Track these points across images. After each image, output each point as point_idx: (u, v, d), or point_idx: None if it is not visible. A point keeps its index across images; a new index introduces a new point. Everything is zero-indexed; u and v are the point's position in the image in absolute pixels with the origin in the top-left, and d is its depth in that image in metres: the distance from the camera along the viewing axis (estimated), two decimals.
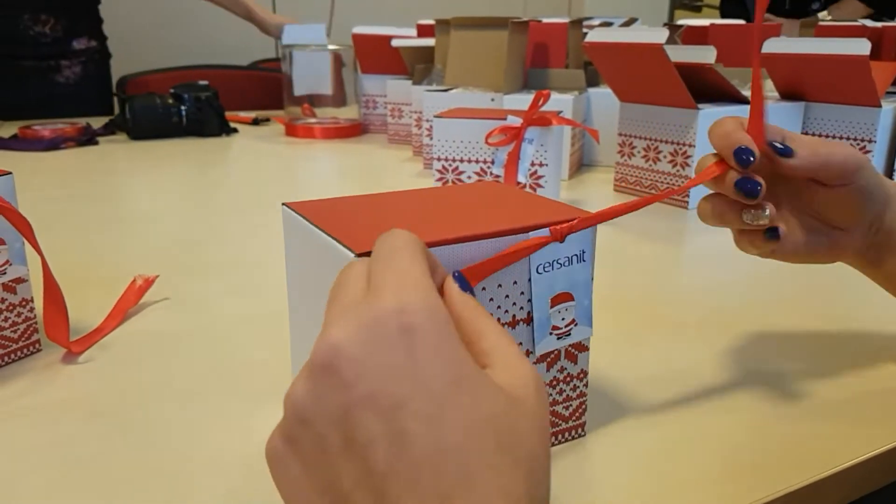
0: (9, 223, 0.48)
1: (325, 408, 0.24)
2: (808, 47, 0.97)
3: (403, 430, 0.23)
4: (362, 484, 0.23)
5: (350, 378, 0.24)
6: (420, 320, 0.24)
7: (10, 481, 0.37)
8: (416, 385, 0.23)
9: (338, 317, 0.25)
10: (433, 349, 0.24)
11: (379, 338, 0.24)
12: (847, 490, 0.40)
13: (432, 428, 0.23)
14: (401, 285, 0.25)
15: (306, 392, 0.25)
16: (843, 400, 0.46)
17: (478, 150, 0.87)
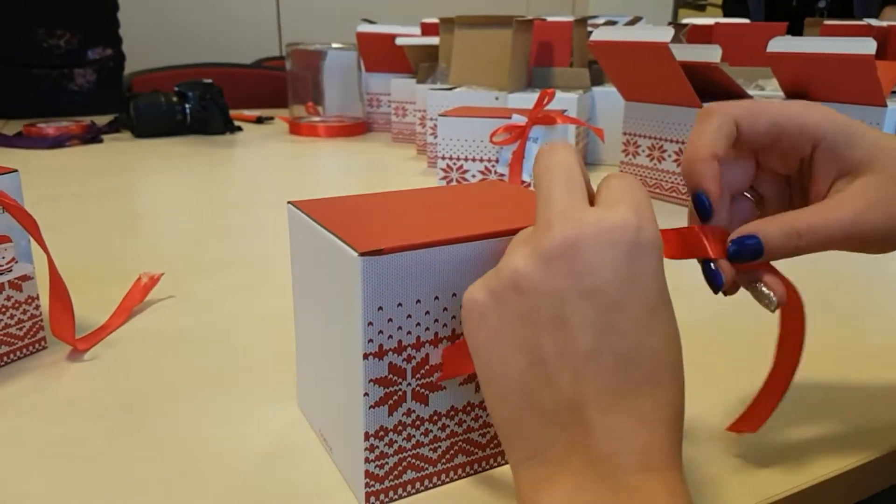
0: (15, 221, 0.48)
1: (549, 285, 0.28)
2: (813, 46, 0.97)
3: (616, 327, 0.27)
4: (566, 356, 0.28)
5: (583, 269, 0.27)
6: (651, 241, 0.28)
7: (15, 479, 0.38)
8: (634, 294, 0.28)
9: (568, 210, 0.29)
10: (653, 268, 0.28)
11: (616, 244, 0.28)
12: (852, 491, 0.40)
13: (640, 331, 0.28)
14: (637, 204, 0.29)
15: (532, 268, 0.28)
16: (847, 400, 0.46)
17: (482, 149, 0.87)
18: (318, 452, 0.40)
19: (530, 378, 0.29)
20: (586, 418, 0.28)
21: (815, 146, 0.35)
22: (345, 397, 0.35)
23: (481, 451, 0.38)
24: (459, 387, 0.36)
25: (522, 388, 0.29)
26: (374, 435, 0.34)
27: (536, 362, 0.28)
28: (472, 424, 0.37)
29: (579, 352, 0.27)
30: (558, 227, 0.28)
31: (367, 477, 0.35)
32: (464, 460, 0.37)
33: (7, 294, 0.49)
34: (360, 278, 0.31)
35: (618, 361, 0.27)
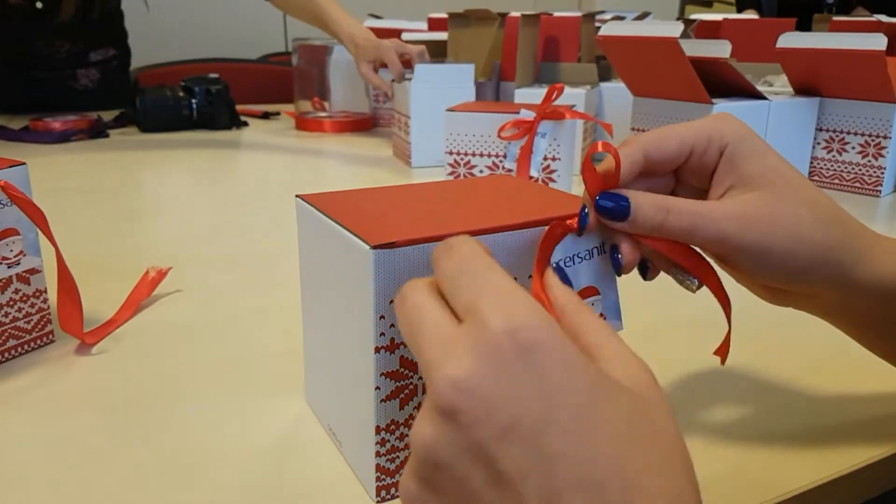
0: (23, 213, 0.48)
1: (461, 449, 0.23)
2: (823, 42, 0.96)
3: (552, 454, 0.22)
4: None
5: (481, 414, 0.22)
6: (537, 335, 0.23)
7: (23, 472, 0.37)
8: (552, 404, 0.22)
9: (444, 353, 0.24)
10: (559, 363, 0.23)
11: (500, 365, 0.23)
12: (859, 490, 0.40)
13: (582, 445, 0.22)
14: (501, 302, 0.24)
15: (436, 436, 0.23)
16: (854, 398, 0.45)
17: (490, 145, 0.86)
18: (327, 447, 0.40)
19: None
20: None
21: (721, 155, 0.36)
22: (355, 391, 0.35)
23: None
24: None
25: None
26: (385, 429, 0.34)
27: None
28: None
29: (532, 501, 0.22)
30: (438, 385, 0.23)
31: (378, 471, 0.34)
32: None
33: (15, 287, 0.49)
34: (371, 271, 0.31)
35: (581, 490, 0.22)
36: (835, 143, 1.00)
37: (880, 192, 0.97)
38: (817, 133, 1.01)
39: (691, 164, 0.36)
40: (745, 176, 0.35)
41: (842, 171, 1.00)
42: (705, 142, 0.35)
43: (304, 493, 0.36)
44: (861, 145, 0.98)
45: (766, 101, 0.95)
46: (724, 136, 0.35)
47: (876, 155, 0.96)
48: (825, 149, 1.01)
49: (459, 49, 1.31)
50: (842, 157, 1.00)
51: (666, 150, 0.35)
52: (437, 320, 0.25)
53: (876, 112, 0.96)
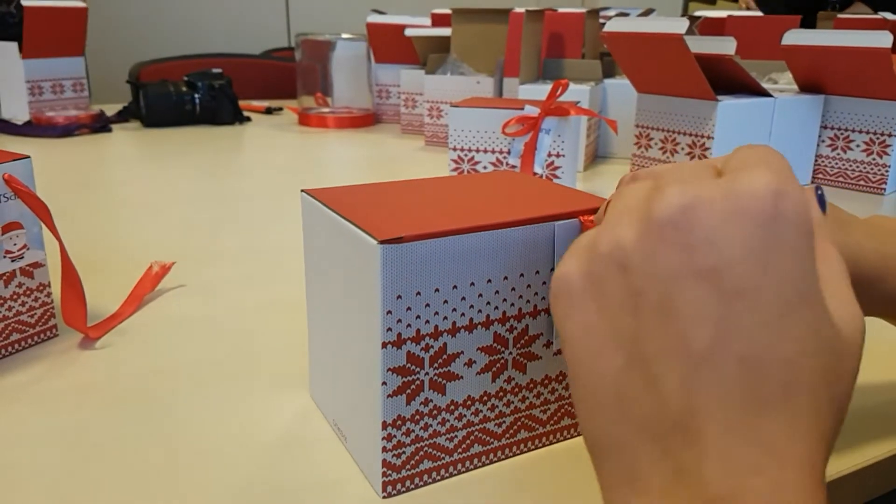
0: (26, 207, 0.48)
1: (656, 263, 0.22)
2: (828, 39, 0.96)
3: (739, 322, 0.21)
4: (673, 355, 0.22)
5: (699, 242, 0.21)
6: (796, 213, 0.22)
7: (27, 466, 0.37)
8: (768, 279, 0.21)
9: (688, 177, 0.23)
10: (797, 250, 0.22)
11: (747, 212, 0.21)
12: (863, 488, 0.40)
13: (771, 331, 0.21)
14: (778, 170, 0.22)
15: (638, 239, 0.23)
16: (858, 396, 0.45)
17: (494, 140, 0.86)
18: (332, 442, 0.39)
19: (628, 382, 0.23)
20: (698, 440, 0.21)
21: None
22: (361, 386, 0.35)
23: (497, 441, 0.37)
24: (476, 376, 0.35)
25: (618, 394, 0.23)
26: (391, 424, 0.34)
27: (636, 362, 0.22)
28: (488, 414, 0.36)
29: (690, 350, 0.21)
30: (675, 189, 0.22)
31: (384, 466, 0.34)
32: (480, 450, 0.37)
33: (18, 281, 0.49)
34: (379, 266, 0.31)
35: (740, 368, 0.21)
36: (839, 140, 1.00)
37: (885, 190, 0.96)
38: (822, 131, 1.01)
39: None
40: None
41: (846, 168, 1.00)
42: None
43: (308, 488, 0.36)
44: (866, 143, 0.97)
45: (771, 99, 0.95)
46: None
47: (881, 153, 0.96)
48: (830, 146, 1.01)
49: (463, 45, 1.31)
50: (846, 155, 0.99)
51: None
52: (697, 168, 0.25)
53: (881, 110, 0.95)
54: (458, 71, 1.30)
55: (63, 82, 1.47)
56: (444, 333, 0.34)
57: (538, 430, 0.38)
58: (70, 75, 1.47)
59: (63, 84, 1.47)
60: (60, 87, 1.47)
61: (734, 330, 0.21)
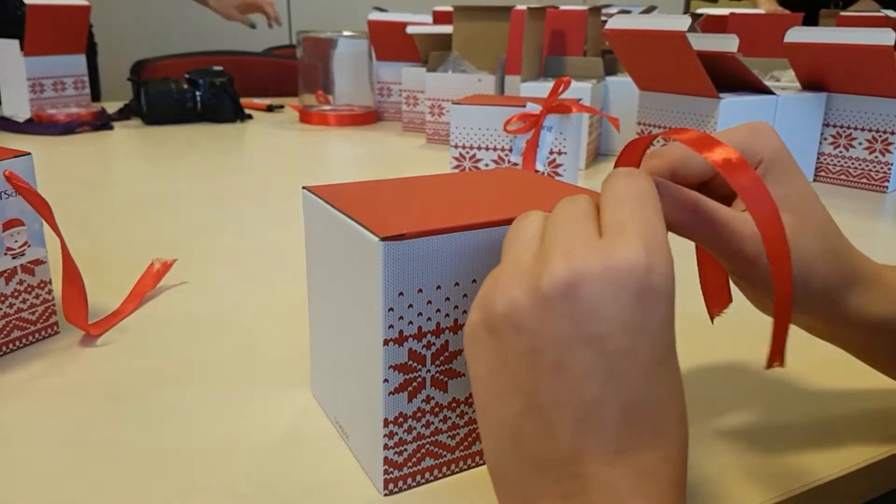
0: (28, 204, 0.48)
1: (550, 329, 0.25)
2: (830, 37, 0.96)
3: (621, 376, 0.25)
4: (565, 405, 0.25)
5: (585, 313, 0.25)
6: (663, 287, 0.25)
7: (27, 463, 0.37)
8: (643, 339, 0.25)
9: (579, 247, 0.26)
10: (663, 315, 0.26)
11: (623, 287, 0.25)
12: (867, 486, 0.39)
13: (647, 381, 0.25)
14: (652, 243, 0.26)
15: (532, 307, 0.26)
16: (862, 394, 0.45)
17: (495, 138, 0.86)
18: (334, 439, 0.39)
19: (524, 424, 0.26)
20: (584, 473, 0.25)
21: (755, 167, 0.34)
22: (363, 384, 0.35)
23: None
24: None
25: (515, 434, 0.27)
26: (393, 421, 0.34)
27: (532, 408, 0.26)
28: None
29: (581, 402, 0.25)
30: (561, 265, 0.25)
31: (386, 464, 0.34)
32: (481, 448, 0.37)
33: (20, 278, 0.49)
34: (381, 263, 0.31)
35: (622, 413, 0.25)
36: (842, 138, 0.99)
37: (887, 188, 0.96)
38: (824, 128, 1.01)
39: (718, 180, 0.35)
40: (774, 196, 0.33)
41: (849, 166, 0.99)
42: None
43: (310, 486, 0.36)
44: (868, 141, 0.97)
45: (774, 96, 0.95)
46: (756, 153, 0.33)
47: (883, 151, 0.96)
48: (832, 144, 1.01)
49: (464, 42, 1.30)
50: (849, 153, 0.99)
51: (694, 167, 0.34)
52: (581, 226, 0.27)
53: (883, 108, 0.95)
54: (459, 68, 1.30)
55: (64, 80, 1.47)
56: (446, 331, 0.34)
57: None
58: (71, 73, 1.47)
59: (64, 81, 1.47)
60: (62, 85, 1.46)
61: (618, 383, 0.25)
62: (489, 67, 1.28)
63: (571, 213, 0.28)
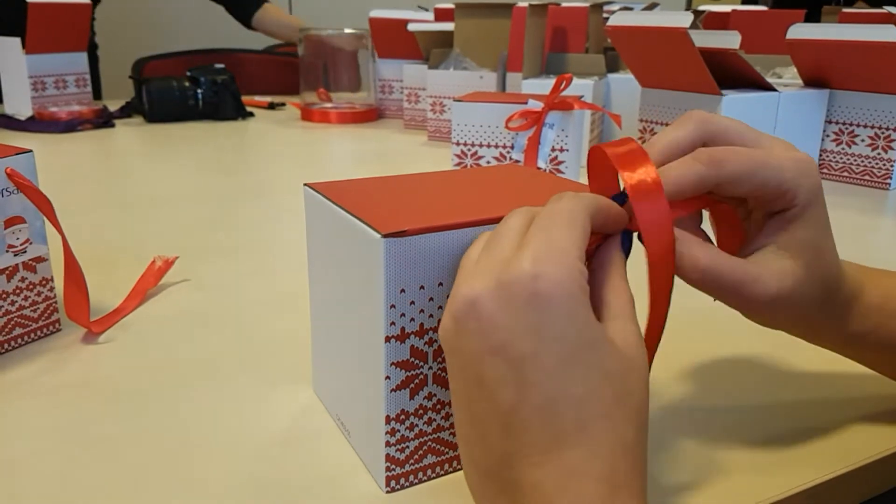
0: (29, 201, 0.48)
1: (465, 347, 0.28)
2: (833, 33, 0.95)
3: (527, 380, 0.26)
4: (491, 415, 0.27)
5: (485, 330, 0.27)
6: (552, 290, 0.27)
7: (30, 459, 0.37)
8: (542, 344, 0.26)
9: (485, 269, 0.28)
10: (564, 315, 0.27)
11: (514, 297, 0.27)
12: (868, 485, 0.39)
13: (558, 381, 0.26)
14: (544, 253, 0.27)
15: (451, 329, 0.28)
16: (862, 393, 0.45)
17: (497, 135, 0.86)
18: (335, 436, 0.39)
19: (470, 433, 0.29)
20: (517, 477, 0.27)
21: (785, 209, 0.34)
22: (365, 381, 0.35)
23: None
24: None
25: (467, 442, 0.29)
26: (395, 419, 0.33)
27: (472, 420, 0.28)
28: None
29: (500, 409, 0.27)
30: (463, 286, 0.28)
31: (388, 461, 0.34)
32: None
33: (21, 275, 0.49)
34: (382, 260, 0.31)
35: (538, 414, 0.26)
36: (844, 135, 0.99)
37: (889, 185, 0.96)
38: (827, 125, 1.01)
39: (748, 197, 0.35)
40: (792, 241, 0.34)
41: (851, 163, 0.99)
42: (781, 194, 0.33)
43: (311, 483, 0.36)
44: (871, 138, 0.97)
45: (776, 93, 0.94)
46: (796, 197, 0.33)
47: (885, 147, 0.96)
48: (834, 141, 1.00)
49: (466, 39, 1.30)
50: (851, 150, 0.99)
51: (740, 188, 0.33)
52: (506, 246, 0.29)
53: (886, 104, 0.95)
54: (461, 66, 1.29)
55: (66, 78, 1.47)
56: None
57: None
58: (73, 71, 1.47)
59: (66, 79, 1.47)
60: (63, 83, 1.46)
61: (528, 387, 0.27)
62: (491, 65, 1.28)
63: (502, 231, 0.30)
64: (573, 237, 0.28)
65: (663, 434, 0.40)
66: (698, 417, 0.42)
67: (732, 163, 0.32)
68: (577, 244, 0.28)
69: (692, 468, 0.37)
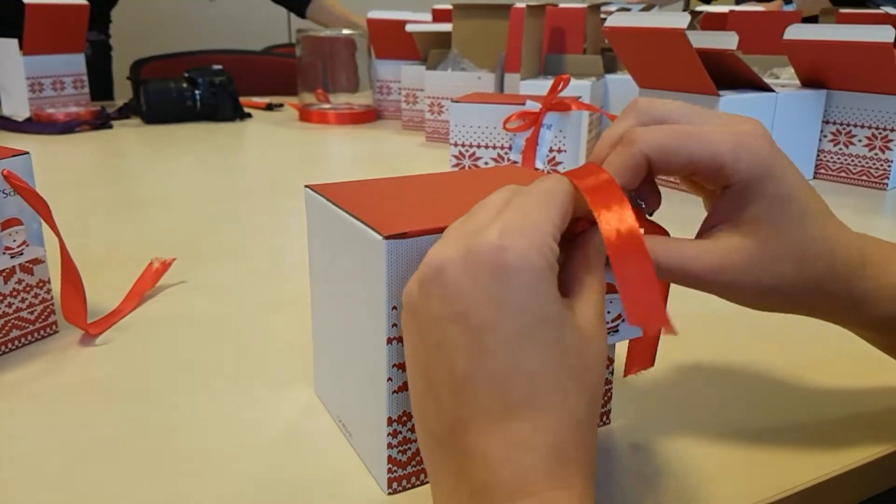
0: (26, 203, 0.47)
1: (428, 311, 0.28)
2: (830, 34, 0.95)
3: (484, 349, 0.27)
4: (446, 381, 0.28)
5: (449, 296, 0.27)
6: (518, 262, 0.27)
7: (27, 462, 0.37)
8: (503, 316, 0.27)
9: (458, 237, 0.29)
10: (527, 288, 0.27)
11: (480, 268, 0.27)
12: (865, 485, 0.39)
13: (513, 354, 0.27)
14: (515, 226, 0.28)
15: (416, 293, 0.29)
16: (859, 393, 0.45)
17: (495, 136, 0.86)
18: (337, 438, 0.39)
19: (427, 400, 0.29)
20: (466, 445, 0.27)
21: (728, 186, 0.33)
22: (367, 382, 0.35)
23: None
24: None
25: (422, 409, 0.29)
26: (397, 420, 0.33)
27: (430, 385, 0.28)
28: None
29: (455, 375, 0.27)
30: (432, 254, 0.28)
31: (390, 462, 0.34)
32: None
33: (18, 277, 0.48)
34: (384, 262, 0.31)
35: (491, 383, 0.27)
36: (841, 135, 0.99)
37: (887, 186, 0.96)
38: (824, 126, 1.01)
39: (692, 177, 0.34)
40: (743, 217, 0.33)
41: (848, 164, 0.99)
42: (713, 169, 0.32)
43: (313, 485, 0.36)
44: (868, 138, 0.97)
45: (773, 94, 0.94)
46: (736, 171, 0.32)
47: (883, 148, 0.96)
48: (832, 141, 1.00)
49: (464, 40, 1.30)
50: (848, 150, 0.99)
51: (670, 164, 0.32)
52: (483, 216, 0.29)
53: (883, 105, 0.95)
54: (458, 66, 1.29)
55: (63, 79, 1.46)
56: None
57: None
58: (70, 72, 1.47)
59: (63, 81, 1.46)
60: (61, 84, 1.46)
61: (484, 356, 0.27)
62: (489, 65, 1.28)
63: (485, 202, 0.30)
64: (548, 214, 0.28)
65: (660, 434, 0.40)
66: (694, 417, 0.42)
67: (653, 139, 0.32)
68: (551, 221, 0.28)
69: (687, 468, 0.37)
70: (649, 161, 0.32)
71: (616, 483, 0.36)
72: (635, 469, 0.37)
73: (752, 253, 0.33)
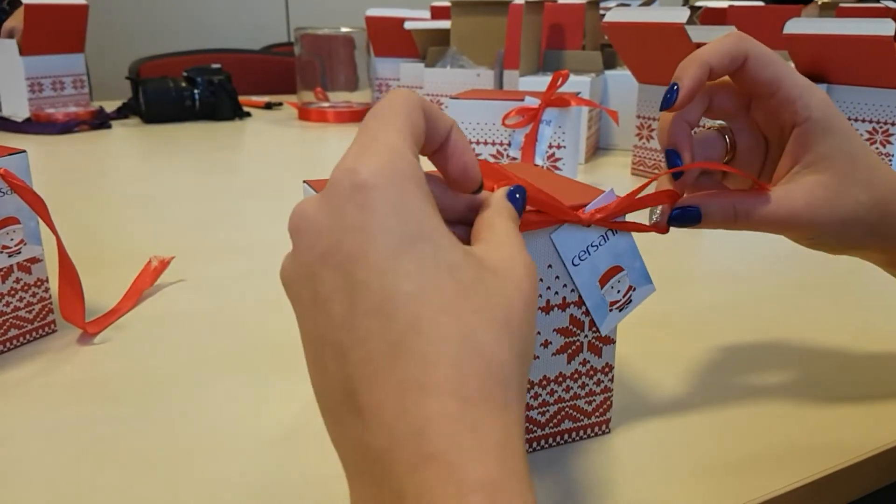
0: (23, 202, 0.47)
1: (297, 269, 0.25)
2: (830, 28, 0.95)
3: (356, 282, 0.23)
4: (327, 335, 0.24)
5: (312, 239, 0.25)
6: (373, 178, 0.24)
7: (26, 461, 0.37)
8: (368, 238, 0.23)
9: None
10: (390, 205, 0.24)
11: (332, 197, 0.24)
12: (874, 479, 0.39)
13: (383, 277, 0.23)
14: (363, 149, 0.25)
15: (287, 258, 0.26)
16: (845, 396, 0.45)
17: (494, 133, 0.86)
18: None
19: (315, 372, 0.25)
20: (359, 406, 0.23)
21: (797, 123, 0.37)
22: None
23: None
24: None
25: (315, 387, 0.25)
26: None
27: (316, 353, 0.25)
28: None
29: (334, 324, 0.23)
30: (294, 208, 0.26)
31: None
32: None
33: (16, 276, 0.48)
34: None
35: (370, 320, 0.23)
36: None
37: None
38: None
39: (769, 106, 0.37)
40: (816, 156, 0.36)
41: None
42: (791, 97, 0.36)
43: (311, 483, 0.35)
44: (869, 132, 0.97)
45: None
46: (808, 108, 0.36)
47: (884, 142, 0.95)
48: None
49: (463, 37, 1.30)
50: None
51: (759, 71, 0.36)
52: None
53: (884, 98, 0.95)
54: (457, 63, 1.29)
55: (63, 79, 1.46)
56: None
57: (537, 432, 0.38)
58: (70, 72, 1.47)
59: (63, 81, 1.46)
60: (60, 84, 1.46)
61: (357, 291, 0.23)
62: (488, 62, 1.28)
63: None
64: (396, 125, 0.26)
65: (658, 431, 0.40)
66: (693, 414, 0.42)
67: (757, 44, 0.36)
68: (401, 132, 0.26)
69: (687, 465, 0.37)
70: (746, 60, 0.36)
71: (616, 492, 0.36)
72: (638, 479, 0.37)
73: (833, 185, 0.36)
